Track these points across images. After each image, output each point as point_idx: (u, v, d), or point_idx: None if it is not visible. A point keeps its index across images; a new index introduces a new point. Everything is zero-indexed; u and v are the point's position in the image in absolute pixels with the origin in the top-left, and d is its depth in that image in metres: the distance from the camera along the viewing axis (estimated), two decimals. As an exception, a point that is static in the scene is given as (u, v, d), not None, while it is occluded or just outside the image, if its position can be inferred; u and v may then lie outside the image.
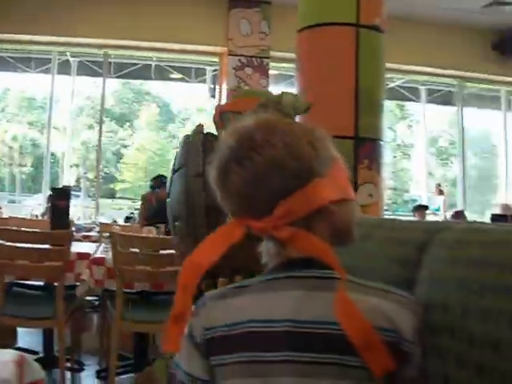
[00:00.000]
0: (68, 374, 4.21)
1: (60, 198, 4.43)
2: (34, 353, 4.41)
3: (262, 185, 1.07)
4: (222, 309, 1.12)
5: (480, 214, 12.83)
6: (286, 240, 1.09)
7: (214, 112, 2.99)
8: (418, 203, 10.82)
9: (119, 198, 22.69)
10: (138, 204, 9.14)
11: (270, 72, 9.71)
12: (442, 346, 1.02)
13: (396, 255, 1.27)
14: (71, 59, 10.73)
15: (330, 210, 1.09)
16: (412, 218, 8.45)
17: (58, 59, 10.51)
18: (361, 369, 1.00)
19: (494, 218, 7.62)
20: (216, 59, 10.12)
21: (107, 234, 4.28)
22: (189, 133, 3.04)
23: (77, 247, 4.24)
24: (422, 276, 1.15)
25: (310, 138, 1.11)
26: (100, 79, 10.67)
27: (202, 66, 10.84)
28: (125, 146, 23.94)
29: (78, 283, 3.97)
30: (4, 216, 7.56)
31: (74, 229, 5.65)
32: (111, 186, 23.50)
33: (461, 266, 1.03)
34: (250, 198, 1.09)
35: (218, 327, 1.09)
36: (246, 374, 1.05)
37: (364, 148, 4.56)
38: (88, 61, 10.82)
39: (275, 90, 10.20)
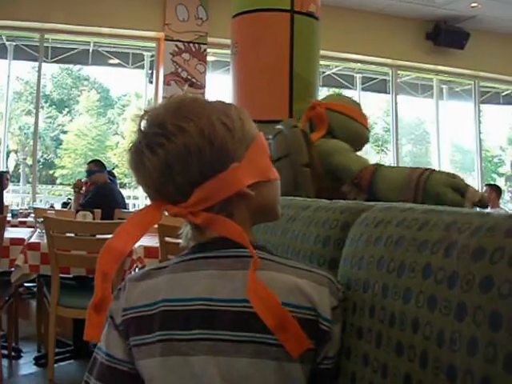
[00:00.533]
0: (5, 362, 4.12)
1: (-7, 183, 4.32)
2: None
3: (176, 172, 1.04)
4: (139, 290, 1.09)
5: (413, 200, 13.10)
6: (201, 225, 1.08)
7: (312, 105, 3.11)
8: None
9: (59, 184, 22.36)
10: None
11: (208, 58, 9.64)
12: (363, 325, 1.01)
13: (321, 235, 1.26)
14: (7, 43, 10.45)
15: (248, 195, 1.07)
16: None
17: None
18: (279, 347, 0.99)
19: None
20: (153, 44, 9.99)
21: (42, 219, 4.19)
22: (280, 126, 3.14)
23: (11, 233, 4.16)
24: (344, 255, 1.15)
25: (225, 120, 1.07)
26: (36, 64, 10.39)
27: (139, 52, 10.71)
28: (64, 132, 23.56)
29: (12, 269, 3.88)
30: None
31: (9, 214, 5.53)
32: (51, 172, 23.13)
33: (381, 245, 1.02)
34: (163, 185, 1.06)
35: (136, 308, 1.07)
36: (165, 352, 1.03)
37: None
38: (24, 45, 10.55)
39: (213, 76, 10.19)
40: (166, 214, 1.11)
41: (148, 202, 1.14)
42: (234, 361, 1.00)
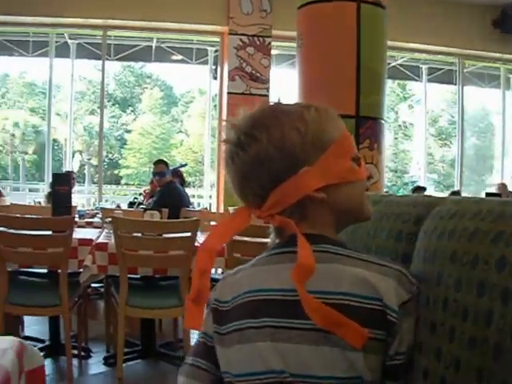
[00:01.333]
0: (75, 361, 4.26)
1: (61, 183, 4.42)
2: (41, 341, 4.47)
3: (250, 179, 1.15)
4: (229, 284, 1.22)
5: (475, 194, 12.86)
6: (279, 226, 1.19)
7: None
8: (416, 184, 10.82)
9: (124, 184, 22.78)
10: (142, 189, 9.16)
11: (272, 52, 9.66)
12: (436, 319, 1.03)
13: (393, 230, 1.28)
14: (69, 41, 10.64)
15: (317, 198, 1.13)
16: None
17: (56, 41, 10.42)
18: None
19: (489, 196, 7.64)
20: (217, 39, 10.06)
21: (109, 220, 4.29)
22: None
23: (79, 233, 4.27)
24: (417, 250, 1.17)
25: (298, 125, 1.13)
26: (99, 62, 10.54)
27: (203, 47, 10.80)
28: (128, 131, 23.95)
29: (80, 270, 4.00)
30: (6, 204, 7.57)
31: (76, 215, 5.68)
32: (115, 172, 23.57)
33: (455, 238, 1.04)
34: (244, 190, 1.18)
35: (224, 302, 1.20)
36: (241, 340, 1.13)
37: (365, 127, 4.56)
38: (87, 43, 10.71)
39: (277, 70, 10.19)
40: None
41: (212, 200, 1.22)
42: (296, 347, 1.07)
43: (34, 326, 5.13)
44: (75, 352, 4.29)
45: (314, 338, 1.06)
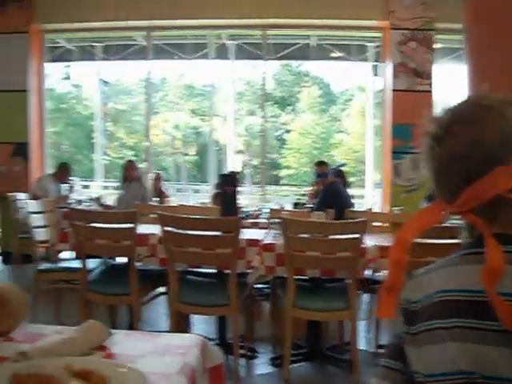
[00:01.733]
0: (243, 361, 4.37)
1: (228, 183, 4.52)
2: (209, 340, 4.62)
3: (444, 174, 1.16)
4: (419, 284, 1.22)
5: None
6: (470, 225, 1.18)
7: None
8: None
9: (284, 184, 23.00)
10: (304, 190, 9.23)
11: (435, 46, 9.41)
12: None
13: None
14: (228, 42, 10.85)
15: (509, 198, 1.11)
16: None
17: (215, 43, 10.68)
18: None
19: None
20: (377, 34, 9.89)
21: (276, 220, 4.36)
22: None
23: (246, 234, 4.33)
24: None
25: (499, 122, 1.12)
26: (258, 62, 10.65)
27: (362, 43, 10.70)
28: (287, 131, 24.15)
29: (248, 270, 4.11)
30: (173, 204, 7.89)
31: (242, 216, 5.82)
32: (275, 172, 23.86)
33: None
34: (437, 184, 1.19)
35: (414, 302, 1.19)
36: (432, 341, 1.13)
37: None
38: (245, 43, 10.87)
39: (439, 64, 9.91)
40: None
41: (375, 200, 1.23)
42: (486, 349, 1.05)
43: (201, 324, 5.33)
44: (242, 352, 4.41)
45: (504, 339, 1.04)
